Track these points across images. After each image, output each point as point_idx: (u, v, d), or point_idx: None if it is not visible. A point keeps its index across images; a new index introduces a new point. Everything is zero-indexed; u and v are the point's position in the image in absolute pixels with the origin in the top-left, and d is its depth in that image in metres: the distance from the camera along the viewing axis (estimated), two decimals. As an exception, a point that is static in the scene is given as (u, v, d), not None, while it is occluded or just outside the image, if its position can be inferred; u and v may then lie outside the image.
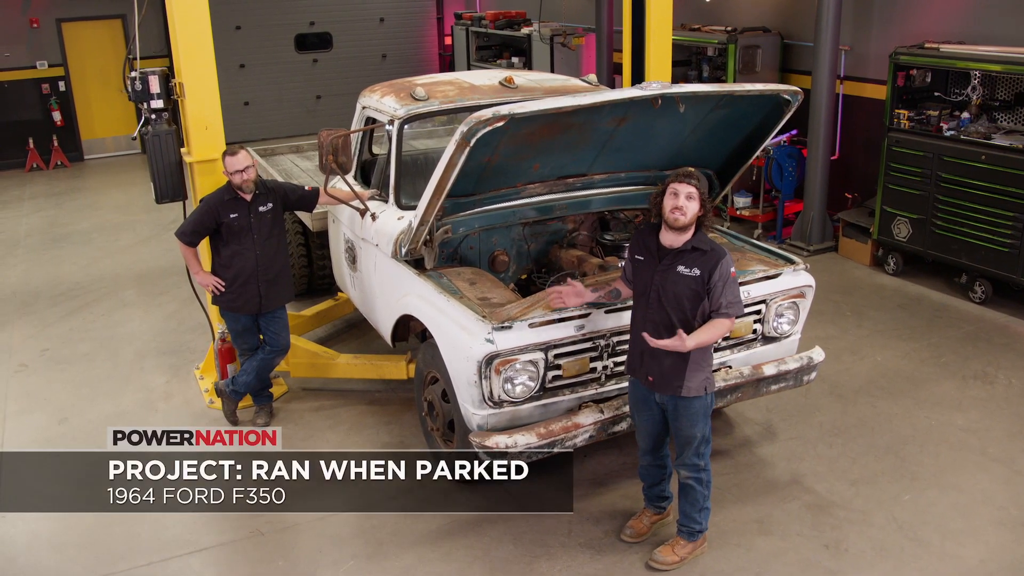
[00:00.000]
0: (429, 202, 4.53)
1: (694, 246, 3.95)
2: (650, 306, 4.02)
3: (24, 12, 13.36)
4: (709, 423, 4.15)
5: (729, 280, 3.93)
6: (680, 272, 3.94)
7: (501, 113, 4.02)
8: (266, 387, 5.78)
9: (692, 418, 4.07)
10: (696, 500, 4.24)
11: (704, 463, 4.18)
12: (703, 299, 3.93)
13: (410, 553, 4.49)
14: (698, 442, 4.11)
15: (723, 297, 3.92)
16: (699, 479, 4.19)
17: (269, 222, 5.39)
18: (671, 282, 3.96)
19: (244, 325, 5.53)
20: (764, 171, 9.14)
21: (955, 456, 5.19)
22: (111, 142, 14.40)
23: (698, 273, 3.92)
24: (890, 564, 4.30)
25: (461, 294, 4.61)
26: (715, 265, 3.91)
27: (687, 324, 3.94)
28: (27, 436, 5.75)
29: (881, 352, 6.55)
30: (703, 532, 4.33)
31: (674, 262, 3.96)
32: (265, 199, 5.37)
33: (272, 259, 5.42)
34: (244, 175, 5.20)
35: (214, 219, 5.29)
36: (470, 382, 4.24)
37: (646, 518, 4.53)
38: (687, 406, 4.05)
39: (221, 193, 5.35)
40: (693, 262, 3.94)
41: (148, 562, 4.47)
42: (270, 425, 5.53)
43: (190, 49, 5.48)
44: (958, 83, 7.70)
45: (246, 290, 5.38)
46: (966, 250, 7.30)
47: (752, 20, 9.87)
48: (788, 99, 4.75)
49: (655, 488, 4.49)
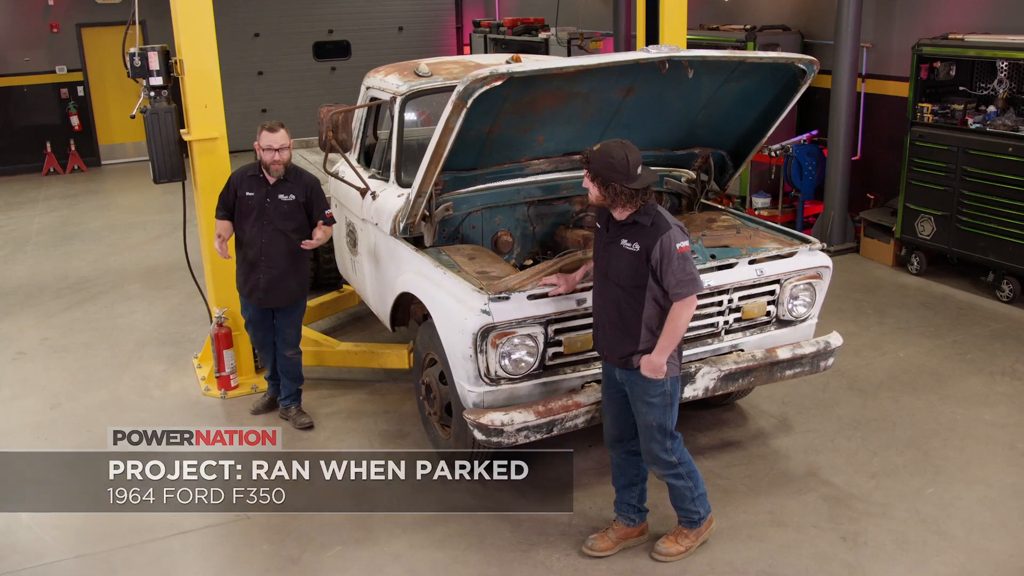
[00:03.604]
0: (426, 171, 4.35)
1: (635, 219, 3.66)
2: (600, 280, 3.83)
3: (45, 17, 13.47)
4: (670, 414, 3.81)
5: (675, 256, 3.58)
6: (622, 246, 3.69)
7: (499, 72, 3.85)
8: (298, 383, 5.46)
9: (646, 403, 3.76)
10: (683, 494, 3.97)
11: (676, 458, 3.88)
12: (646, 279, 3.63)
13: (401, 539, 4.27)
14: (658, 434, 3.81)
15: (670, 276, 3.58)
16: (676, 474, 3.91)
17: (284, 214, 4.98)
18: (615, 256, 3.72)
19: (250, 315, 5.26)
20: (783, 171, 8.90)
21: (982, 450, 4.90)
22: (130, 147, 14.42)
23: (638, 248, 3.64)
24: (912, 557, 4.02)
25: (459, 268, 4.42)
26: (655, 240, 3.59)
27: (631, 303, 3.68)
28: (17, 421, 5.61)
29: (903, 348, 6.27)
30: (705, 518, 4.06)
31: (618, 235, 3.72)
32: (291, 189, 4.99)
33: (278, 251, 5.02)
34: (277, 155, 4.88)
35: (233, 191, 5.03)
36: (465, 356, 4.03)
37: (613, 532, 4.11)
38: (642, 387, 3.75)
39: (246, 168, 5.06)
40: (634, 236, 3.66)
41: (128, 544, 4.28)
42: (308, 425, 5.38)
43: (190, 25, 5.38)
44: (984, 76, 7.45)
45: (251, 277, 5.10)
46: (993, 247, 7.01)
47: (771, 19, 9.69)
48: (803, 69, 4.55)
49: (627, 492, 4.09)
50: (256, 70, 14.80)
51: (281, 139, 4.89)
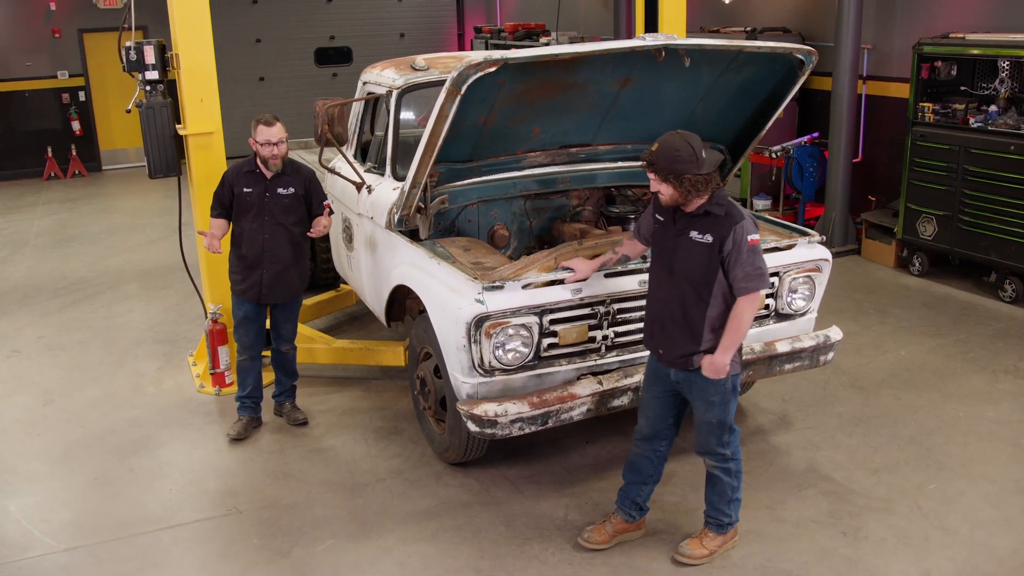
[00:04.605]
0: (421, 160, 4.30)
1: (707, 210, 3.54)
2: (663, 276, 3.68)
3: (47, 22, 13.50)
4: (730, 411, 3.73)
5: (745, 248, 3.45)
6: (692, 238, 3.55)
7: (493, 58, 3.81)
8: (293, 379, 5.38)
9: (706, 401, 3.68)
10: (724, 491, 3.86)
11: (731, 452, 3.79)
12: (717, 272, 3.53)
13: (393, 533, 4.20)
14: (717, 429, 3.72)
15: (738, 268, 3.45)
16: (726, 469, 3.81)
17: (285, 207, 4.90)
18: (684, 249, 3.58)
19: (246, 313, 5.08)
20: (784, 172, 8.87)
21: (985, 447, 4.83)
22: (131, 152, 14.41)
23: (711, 240, 3.50)
24: (914, 552, 3.94)
25: (453, 259, 4.36)
26: (728, 230, 3.46)
27: (697, 300, 3.57)
28: (9, 417, 5.55)
29: (905, 347, 6.20)
30: (733, 524, 3.95)
31: (687, 227, 3.58)
32: (289, 182, 4.91)
33: (280, 246, 4.92)
34: (275, 149, 4.78)
35: (229, 187, 4.91)
36: (459, 346, 3.98)
37: (610, 525, 4.02)
38: (701, 387, 3.66)
39: (241, 164, 4.96)
40: (706, 227, 3.51)
41: (115, 537, 4.22)
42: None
43: (186, 19, 5.35)
44: (985, 76, 7.41)
45: (251, 275, 4.94)
46: (995, 246, 6.95)
47: (772, 21, 9.67)
48: (802, 59, 4.50)
49: (635, 488, 3.98)
50: (257, 76, 14.82)
51: (278, 132, 4.81)
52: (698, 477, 4.52)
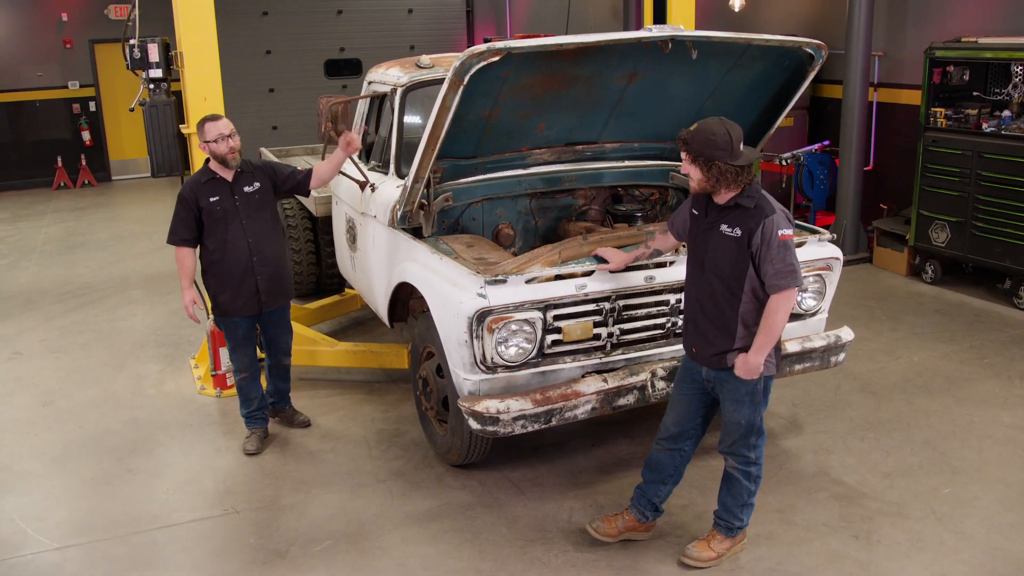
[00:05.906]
0: (423, 154, 4.24)
1: (737, 202, 3.42)
2: (695, 271, 3.58)
3: (58, 32, 13.59)
4: (759, 412, 3.63)
5: (775, 243, 3.32)
6: (723, 232, 3.43)
7: (496, 47, 3.75)
8: (288, 383, 5.25)
9: (736, 401, 3.57)
10: (739, 494, 3.75)
11: (755, 456, 3.69)
12: (747, 267, 3.40)
13: (393, 534, 4.10)
14: (745, 430, 3.62)
15: (768, 264, 3.32)
16: (747, 473, 3.71)
17: (257, 203, 4.71)
18: (713, 244, 3.48)
19: (244, 331, 4.84)
20: (795, 180, 8.78)
21: (1001, 452, 4.70)
22: (141, 163, 14.44)
23: (739, 233, 3.38)
24: (928, 556, 3.81)
25: (456, 255, 4.29)
26: (758, 224, 3.33)
27: (728, 296, 3.46)
28: (8, 417, 5.49)
29: (918, 353, 6.07)
30: (742, 529, 3.84)
31: (718, 220, 3.46)
32: (251, 178, 4.70)
33: (267, 245, 4.74)
34: (231, 142, 4.56)
35: (194, 206, 4.61)
36: (461, 342, 3.89)
37: (622, 520, 3.92)
38: (732, 386, 3.56)
39: (197, 177, 4.69)
40: (736, 220, 3.40)
41: (110, 536, 4.13)
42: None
43: (190, 17, 5.33)
44: (998, 81, 7.32)
45: (244, 286, 4.71)
46: (1010, 252, 6.83)
47: (781, 28, 9.61)
48: (811, 53, 4.44)
49: (653, 487, 3.86)
50: (267, 87, 14.82)
51: (228, 124, 4.60)
52: (706, 480, 4.43)
